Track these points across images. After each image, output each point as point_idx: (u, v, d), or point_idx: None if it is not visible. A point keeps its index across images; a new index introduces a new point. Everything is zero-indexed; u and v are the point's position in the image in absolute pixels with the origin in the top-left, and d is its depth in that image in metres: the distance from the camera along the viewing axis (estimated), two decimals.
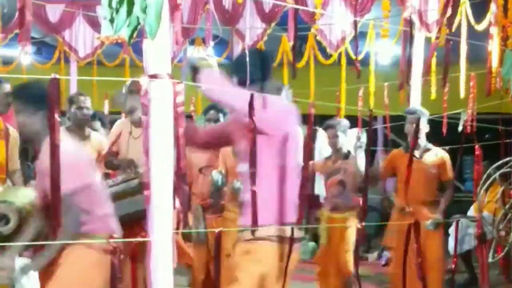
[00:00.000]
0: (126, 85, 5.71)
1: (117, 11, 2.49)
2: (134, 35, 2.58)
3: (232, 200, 5.78)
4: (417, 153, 6.51)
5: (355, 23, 5.93)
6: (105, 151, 6.14)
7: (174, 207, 3.06)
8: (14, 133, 5.58)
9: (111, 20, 2.52)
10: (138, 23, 2.52)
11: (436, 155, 6.55)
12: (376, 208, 10.59)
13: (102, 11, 2.77)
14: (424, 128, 6.48)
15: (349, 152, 6.68)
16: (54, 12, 8.90)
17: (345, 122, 6.82)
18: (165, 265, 3.12)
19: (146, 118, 2.82)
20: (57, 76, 2.65)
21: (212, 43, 7.63)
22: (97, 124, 7.22)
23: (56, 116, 2.68)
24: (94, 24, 8.74)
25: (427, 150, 6.54)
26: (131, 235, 4.73)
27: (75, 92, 7.50)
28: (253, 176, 3.23)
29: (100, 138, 6.41)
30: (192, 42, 9.15)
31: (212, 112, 6.14)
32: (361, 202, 5.78)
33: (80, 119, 6.29)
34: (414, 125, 5.69)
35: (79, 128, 6.24)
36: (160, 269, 3.12)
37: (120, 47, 9.67)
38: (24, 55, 8.73)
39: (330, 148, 6.87)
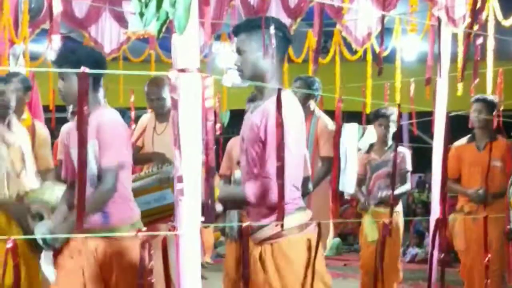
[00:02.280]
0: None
1: (147, 5, 2.50)
2: (163, 29, 2.58)
3: None
4: (481, 144, 6.41)
5: (382, 18, 5.87)
6: None
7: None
8: (42, 130, 5.57)
9: (141, 14, 2.53)
10: (167, 18, 2.52)
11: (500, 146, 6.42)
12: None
13: (131, 6, 2.78)
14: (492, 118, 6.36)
15: (393, 143, 6.63)
16: (80, 8, 8.94)
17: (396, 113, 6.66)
18: (193, 259, 3.14)
19: (175, 112, 2.83)
20: (87, 70, 2.66)
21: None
22: None
23: (85, 109, 2.70)
24: (120, 20, 8.76)
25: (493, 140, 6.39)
26: (154, 230, 4.77)
27: None
28: (280, 171, 3.21)
29: None
30: (218, 38, 9.16)
31: (251, 104, 6.15)
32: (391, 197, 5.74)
33: None
34: (481, 114, 5.62)
35: None
36: (188, 262, 3.13)
37: (146, 42, 9.70)
38: (51, 50, 8.77)
39: (375, 139, 6.77)
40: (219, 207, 3.65)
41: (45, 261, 5.79)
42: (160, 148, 5.64)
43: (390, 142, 6.64)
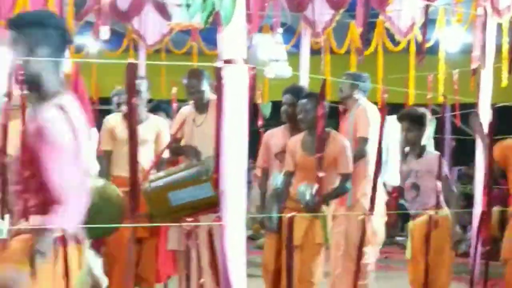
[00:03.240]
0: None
1: None
2: (209, 20, 2.60)
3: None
4: None
5: (426, 9, 5.83)
6: (163, 134, 6.23)
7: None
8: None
9: (187, 6, 2.54)
10: (213, 9, 2.54)
11: None
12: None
13: None
14: None
15: (423, 148, 5.89)
16: (123, 0, 8.99)
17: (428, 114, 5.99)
18: (238, 248, 3.16)
19: (220, 102, 2.85)
20: (134, 61, 2.69)
21: (280, 30, 7.63)
22: (161, 115, 7.28)
23: (134, 99, 2.73)
24: (163, 12, 8.79)
25: None
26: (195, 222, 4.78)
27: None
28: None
29: (157, 121, 6.46)
30: (260, 29, 9.16)
31: (288, 96, 6.14)
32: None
33: None
34: None
35: None
36: (233, 252, 3.15)
37: (188, 34, 9.74)
38: (98, 40, 8.86)
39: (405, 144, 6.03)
40: None
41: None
42: (200, 140, 5.67)
43: (420, 149, 5.85)
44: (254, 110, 6.19)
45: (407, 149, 5.98)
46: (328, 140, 5.69)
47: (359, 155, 6.31)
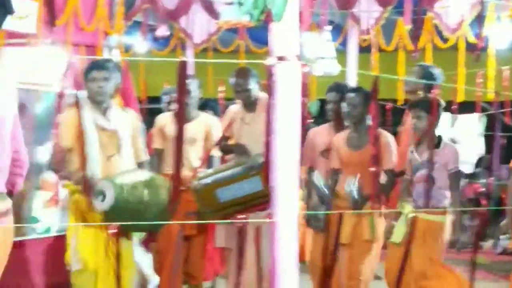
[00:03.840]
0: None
1: None
2: (261, 17, 2.61)
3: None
4: None
5: (482, 5, 5.71)
6: (213, 132, 6.26)
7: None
8: (136, 120, 5.66)
9: (240, 3, 2.55)
10: (265, 6, 2.54)
11: None
12: (490, 194, 10.32)
13: None
14: None
15: (439, 138, 5.70)
16: None
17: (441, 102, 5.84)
18: (289, 246, 3.16)
19: (272, 99, 2.85)
20: (185, 59, 2.71)
21: (328, 28, 7.62)
22: (209, 113, 7.31)
23: (185, 97, 2.75)
24: (210, 10, 8.82)
25: None
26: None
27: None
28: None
29: (207, 119, 6.49)
30: (300, 27, 9.10)
31: (333, 93, 6.13)
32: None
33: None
34: None
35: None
36: (285, 249, 3.16)
37: (236, 33, 9.75)
38: (145, 40, 8.92)
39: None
40: None
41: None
42: (248, 138, 5.69)
43: (434, 139, 5.59)
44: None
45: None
46: (372, 136, 5.67)
47: None
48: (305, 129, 2.97)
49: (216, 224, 5.81)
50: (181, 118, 2.75)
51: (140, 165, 5.44)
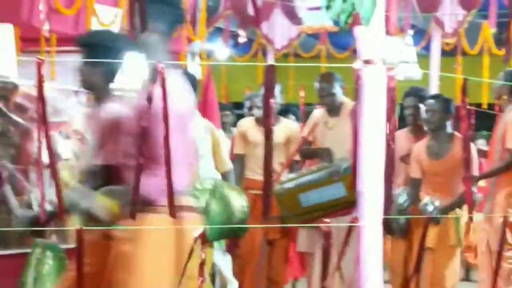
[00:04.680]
0: None
1: None
2: (348, 21, 2.61)
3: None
4: None
5: None
6: (294, 137, 6.26)
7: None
8: (216, 131, 5.71)
9: (327, 7, 2.56)
10: (353, 10, 2.55)
11: None
12: None
13: (304, 1, 2.83)
14: None
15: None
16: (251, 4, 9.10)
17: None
18: (375, 250, 3.15)
19: (358, 103, 2.85)
20: (274, 63, 2.73)
21: (411, 32, 7.55)
22: (291, 118, 7.33)
23: (272, 101, 2.77)
24: (292, 15, 8.86)
25: None
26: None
27: None
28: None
29: (289, 124, 6.51)
30: (387, 31, 9.06)
31: (410, 98, 6.08)
32: None
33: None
34: None
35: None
36: (371, 254, 3.15)
37: (316, 38, 9.77)
38: (227, 45, 9.01)
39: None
40: None
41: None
42: (332, 143, 5.67)
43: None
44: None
45: None
46: (452, 143, 5.60)
47: (504, 169, 5.97)
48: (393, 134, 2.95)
49: (298, 228, 5.82)
50: (269, 122, 2.77)
51: (224, 175, 5.52)
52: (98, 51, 3.97)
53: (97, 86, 4.04)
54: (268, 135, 2.83)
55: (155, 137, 3.39)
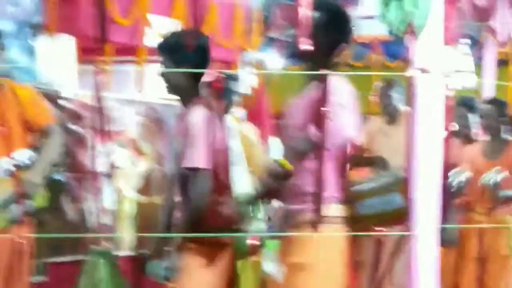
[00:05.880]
0: None
1: (388, 7, 2.55)
2: (403, 30, 2.63)
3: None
4: None
5: None
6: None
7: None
8: (249, 133, 5.75)
9: (382, 17, 2.58)
10: (408, 18, 2.56)
11: None
12: None
13: (360, 9, 2.85)
14: None
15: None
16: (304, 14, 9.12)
17: None
18: (429, 260, 3.14)
19: (414, 112, 2.86)
20: (328, 72, 2.76)
21: (466, 41, 7.50)
22: None
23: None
24: None
25: None
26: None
27: None
28: None
29: None
30: (444, 40, 9.00)
31: (460, 108, 6.05)
32: None
33: None
34: None
35: None
36: (424, 263, 3.14)
37: (368, 47, 9.74)
38: (281, 56, 9.03)
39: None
40: None
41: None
42: (388, 151, 5.66)
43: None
44: None
45: None
46: (507, 148, 5.58)
47: None
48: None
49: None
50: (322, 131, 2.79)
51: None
52: (180, 52, 3.94)
53: (183, 89, 4.00)
54: (321, 144, 2.85)
55: None
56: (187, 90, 3.98)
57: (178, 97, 4.05)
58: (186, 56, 3.91)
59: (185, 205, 3.88)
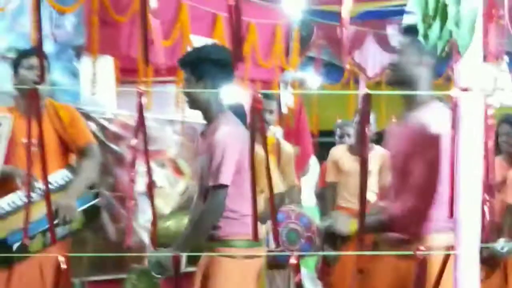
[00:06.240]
0: None
1: (430, 26, 2.55)
2: (445, 49, 2.62)
3: None
4: None
5: None
6: (387, 165, 6.22)
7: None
8: (288, 148, 5.77)
9: (424, 36, 2.57)
10: (450, 37, 2.55)
11: None
12: None
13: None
14: None
15: None
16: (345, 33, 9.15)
17: None
18: (471, 280, 3.11)
19: (455, 130, 2.84)
20: (370, 92, 2.75)
21: (506, 59, 7.43)
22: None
23: (367, 130, 2.79)
24: (384, 43, 8.87)
25: None
26: None
27: None
28: None
29: (382, 152, 6.49)
30: (484, 58, 8.94)
31: (505, 126, 5.99)
32: None
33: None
34: None
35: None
36: (466, 283, 3.10)
37: None
38: (319, 74, 9.06)
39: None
40: None
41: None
42: None
43: None
44: None
45: None
46: None
47: None
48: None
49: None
50: (365, 150, 2.79)
51: (290, 189, 5.60)
52: (201, 66, 3.94)
53: (204, 104, 3.99)
54: (364, 163, 2.83)
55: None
56: (208, 105, 3.96)
57: (200, 112, 4.06)
58: (207, 70, 3.90)
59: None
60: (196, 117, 6.76)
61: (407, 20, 6.37)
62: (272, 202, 2.90)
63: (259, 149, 5.15)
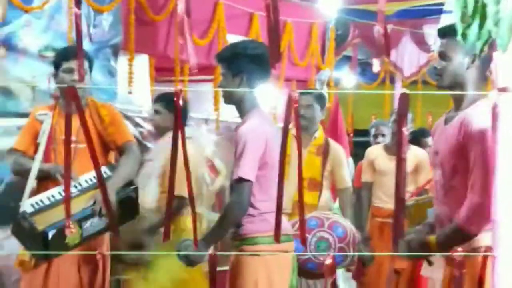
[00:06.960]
0: None
1: (469, 26, 2.52)
2: (485, 49, 2.59)
3: None
4: None
5: None
6: (423, 165, 6.19)
7: None
8: (337, 150, 5.73)
9: (463, 36, 2.55)
10: (490, 37, 2.52)
11: None
12: None
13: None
14: None
15: None
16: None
17: None
18: (510, 282, 3.07)
19: (495, 130, 2.81)
20: (407, 91, 2.73)
21: None
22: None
23: (405, 129, 2.77)
24: (421, 43, 8.82)
25: None
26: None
27: None
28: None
29: (417, 152, 6.45)
30: None
31: None
32: None
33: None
34: None
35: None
36: (506, 285, 3.07)
37: None
38: (355, 73, 9.03)
39: None
40: None
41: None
42: None
43: None
44: None
45: None
46: None
47: None
48: None
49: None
50: (402, 150, 2.76)
51: (343, 190, 5.59)
52: (238, 62, 3.92)
53: (239, 99, 3.96)
54: (400, 163, 2.82)
55: None
56: (242, 100, 3.97)
57: (235, 107, 4.05)
58: (244, 66, 3.89)
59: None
60: (231, 116, 6.81)
61: (445, 20, 6.30)
62: (301, 202, 2.89)
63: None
